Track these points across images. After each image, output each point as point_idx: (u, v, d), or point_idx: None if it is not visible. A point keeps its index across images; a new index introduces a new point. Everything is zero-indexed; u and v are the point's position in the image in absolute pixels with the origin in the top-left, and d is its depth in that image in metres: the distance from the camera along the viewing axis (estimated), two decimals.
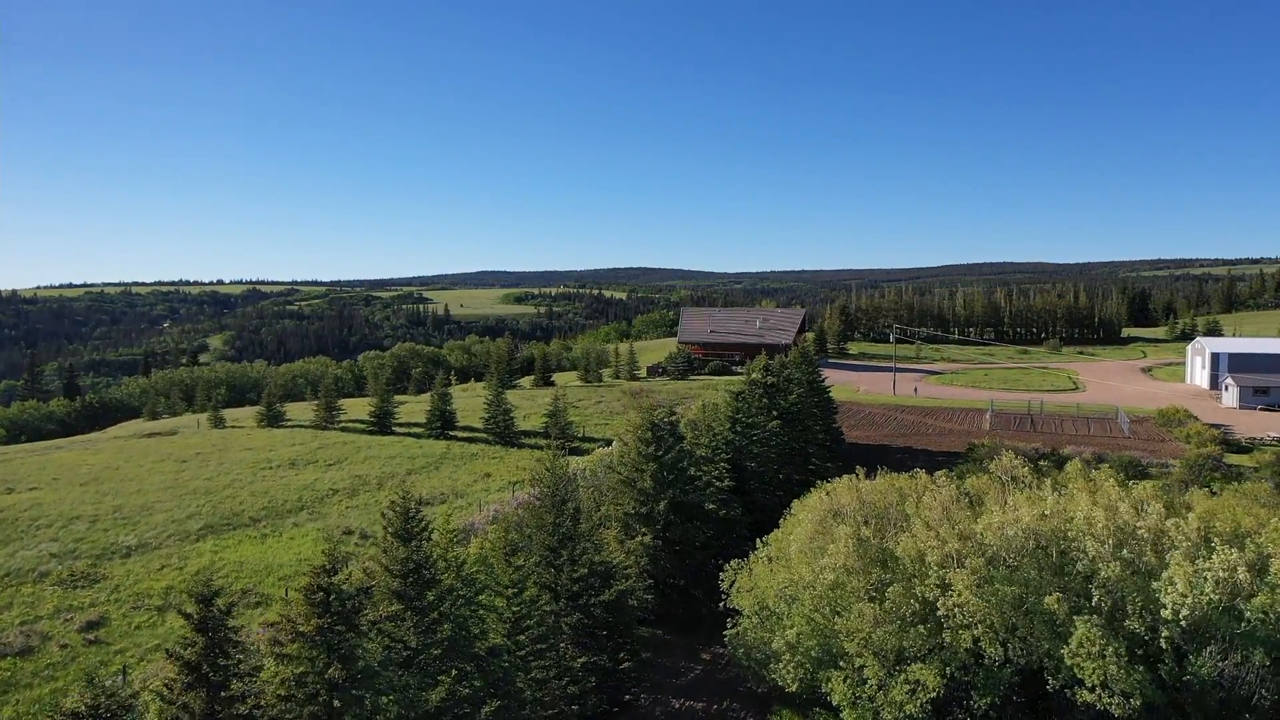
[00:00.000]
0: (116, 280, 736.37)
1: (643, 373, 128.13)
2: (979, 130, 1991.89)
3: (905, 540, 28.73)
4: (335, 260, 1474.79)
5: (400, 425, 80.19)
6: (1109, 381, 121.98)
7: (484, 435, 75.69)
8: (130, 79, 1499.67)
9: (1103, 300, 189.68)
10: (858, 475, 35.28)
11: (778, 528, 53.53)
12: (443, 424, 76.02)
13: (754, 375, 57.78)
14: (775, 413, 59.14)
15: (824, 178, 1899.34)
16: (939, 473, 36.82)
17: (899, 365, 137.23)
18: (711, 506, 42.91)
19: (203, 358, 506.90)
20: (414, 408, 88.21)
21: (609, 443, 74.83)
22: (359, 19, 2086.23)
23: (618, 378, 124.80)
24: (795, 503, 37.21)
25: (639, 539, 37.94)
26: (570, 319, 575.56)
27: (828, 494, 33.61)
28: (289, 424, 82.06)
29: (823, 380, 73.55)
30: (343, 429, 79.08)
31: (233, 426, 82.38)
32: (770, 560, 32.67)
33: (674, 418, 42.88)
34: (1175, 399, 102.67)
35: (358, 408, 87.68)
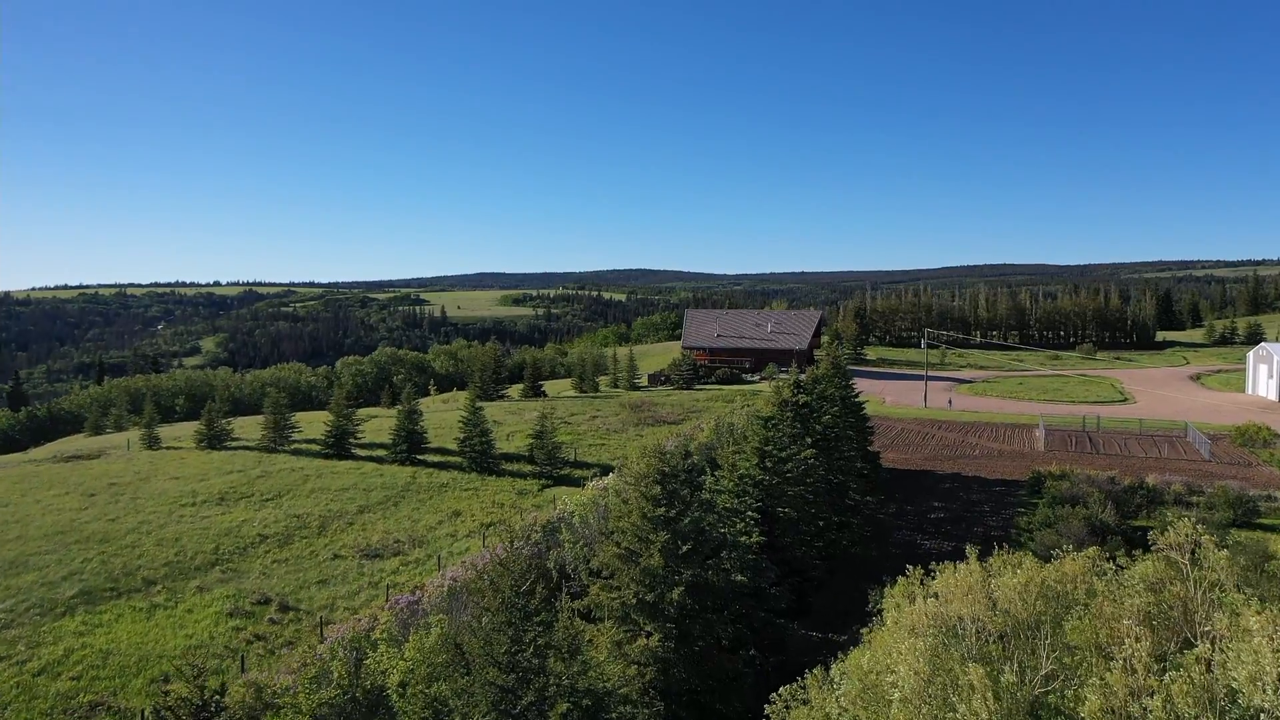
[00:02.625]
0: (112, 282, 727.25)
1: (643, 381, 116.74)
2: (977, 134, 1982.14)
3: (1091, 698, 17.33)
4: (333, 262, 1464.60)
5: (363, 446, 68.77)
6: (1158, 391, 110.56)
7: (458, 459, 64.25)
8: (125, 77, 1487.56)
9: (1135, 302, 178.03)
10: (969, 559, 23.85)
11: (818, 586, 42.22)
12: (409, 446, 64.60)
13: (785, 394, 46.34)
14: (809, 439, 47.76)
15: (822, 180, 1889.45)
16: (1088, 550, 25.43)
17: (923, 373, 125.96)
18: (741, 579, 31.42)
19: (195, 360, 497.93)
20: (384, 423, 76.75)
21: (606, 470, 63.42)
22: (357, 19, 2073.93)
23: (616, 387, 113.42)
24: (887, 604, 25.70)
25: (643, 641, 26.52)
26: (569, 321, 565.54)
27: (934, 595, 22.17)
28: (234, 444, 70.64)
29: (856, 395, 62.11)
30: (294, 451, 67.64)
31: (168, 447, 70.89)
32: (842, 697, 21.26)
33: (689, 459, 31.37)
34: (1241, 412, 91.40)
35: (320, 424, 76.12)
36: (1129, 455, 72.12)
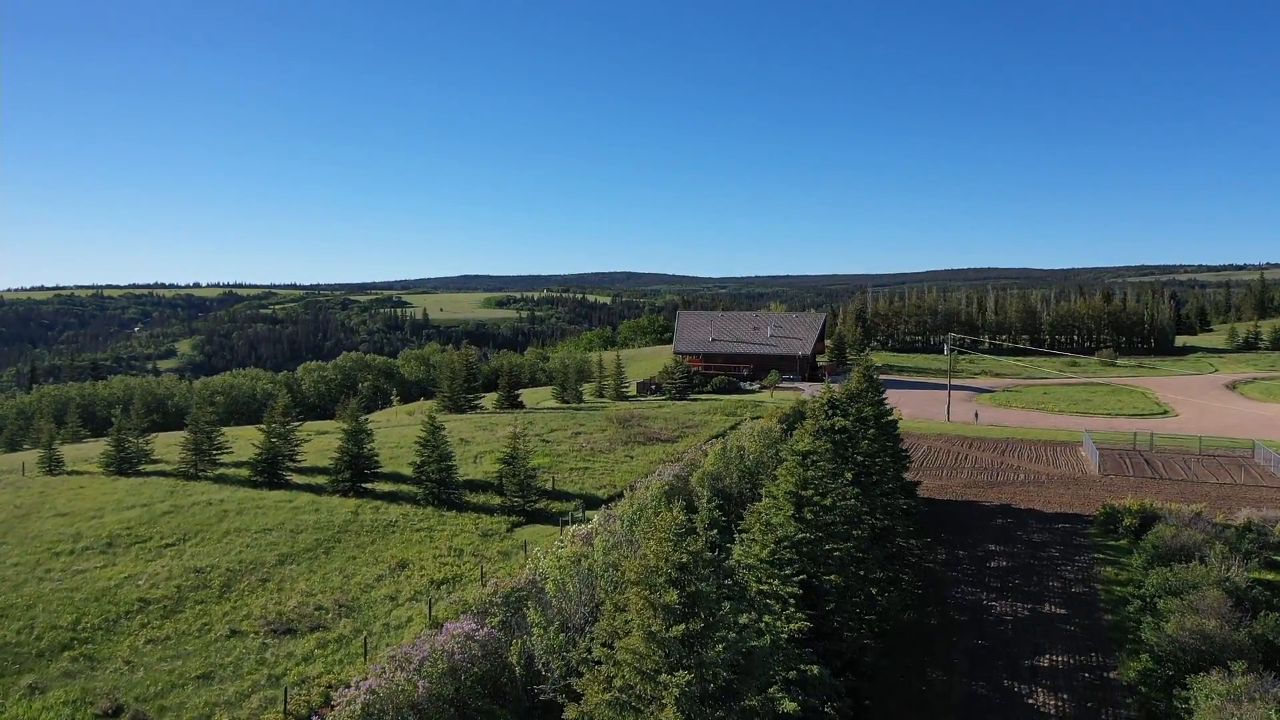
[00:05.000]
0: (89, 283, 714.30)
1: (631, 390, 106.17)
2: (963, 138, 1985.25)
3: None
4: (316, 264, 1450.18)
5: (301, 471, 57.99)
6: (1197, 401, 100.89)
7: (413, 489, 53.54)
8: (103, 75, 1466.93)
9: (1151, 305, 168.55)
10: None
11: (872, 677, 31.61)
12: (354, 472, 53.70)
13: (821, 421, 35.90)
14: (849, 474, 37.38)
15: (808, 184, 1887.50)
16: None
17: (935, 381, 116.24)
18: (791, 707, 20.97)
19: (171, 363, 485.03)
20: (335, 441, 65.61)
21: (590, 501, 52.83)
22: (342, 20, 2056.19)
23: (602, 396, 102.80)
24: None
25: None
26: (553, 324, 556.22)
27: None
28: (150, 468, 59.53)
29: (889, 412, 51.62)
30: (218, 478, 56.64)
31: (71, 471, 59.72)
32: None
33: (713, 535, 20.96)
34: None
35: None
36: (1197, 480, 62.13)
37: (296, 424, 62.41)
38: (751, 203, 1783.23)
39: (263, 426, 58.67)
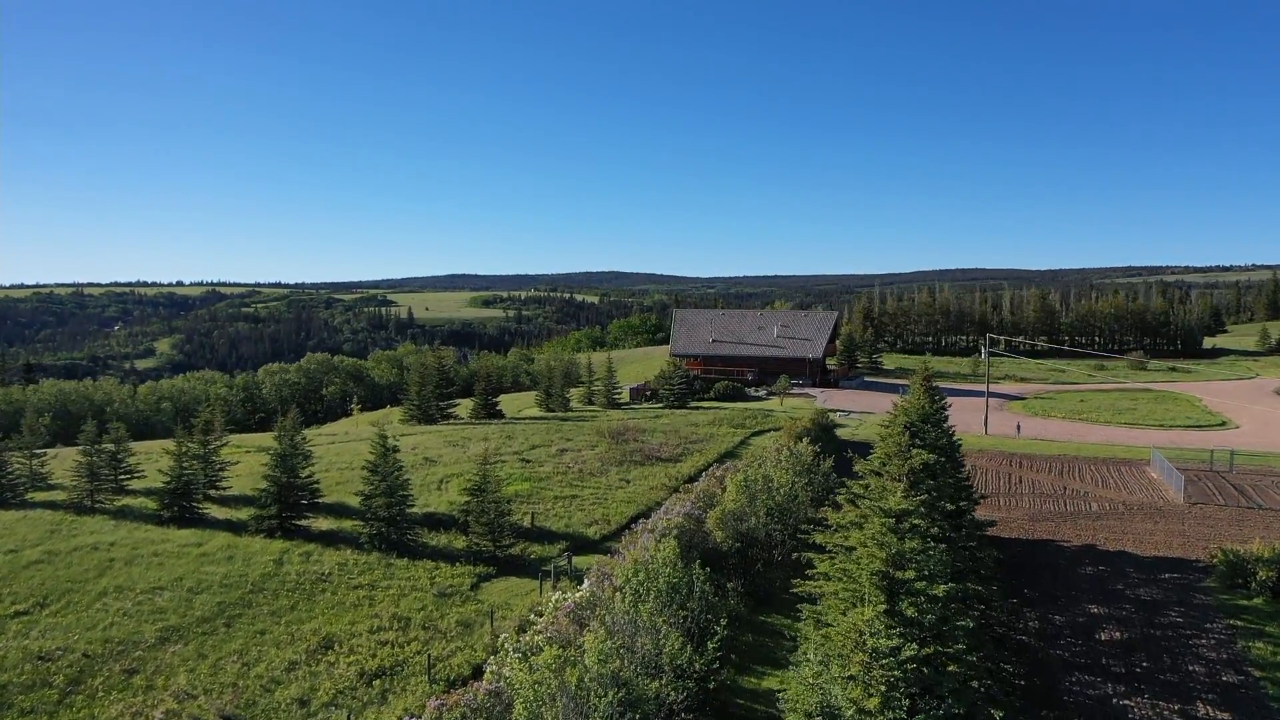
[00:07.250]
0: (70, 281, 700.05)
1: (624, 396, 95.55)
2: (949, 141, 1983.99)
3: None
4: (301, 263, 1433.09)
5: (224, 501, 47.41)
6: (1254, 409, 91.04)
7: (358, 526, 42.89)
8: (86, 72, 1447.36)
9: (1180, 305, 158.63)
10: None
11: None
12: (283, 506, 42.94)
13: (910, 460, 25.43)
14: (936, 529, 26.99)
15: (797, 184, 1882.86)
16: None
17: (957, 386, 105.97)
18: None
19: (149, 363, 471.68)
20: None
21: (579, 544, 42.42)
22: (331, 18, 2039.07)
23: (591, 403, 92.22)
24: None
25: None
26: (540, 323, 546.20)
27: None
28: (42, 497, 48.54)
29: (952, 433, 41.10)
30: (118, 511, 45.75)
31: None
32: None
33: None
34: None
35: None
36: None
37: (220, 442, 51.82)
38: (740, 203, 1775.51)
39: (170, 446, 47.87)
